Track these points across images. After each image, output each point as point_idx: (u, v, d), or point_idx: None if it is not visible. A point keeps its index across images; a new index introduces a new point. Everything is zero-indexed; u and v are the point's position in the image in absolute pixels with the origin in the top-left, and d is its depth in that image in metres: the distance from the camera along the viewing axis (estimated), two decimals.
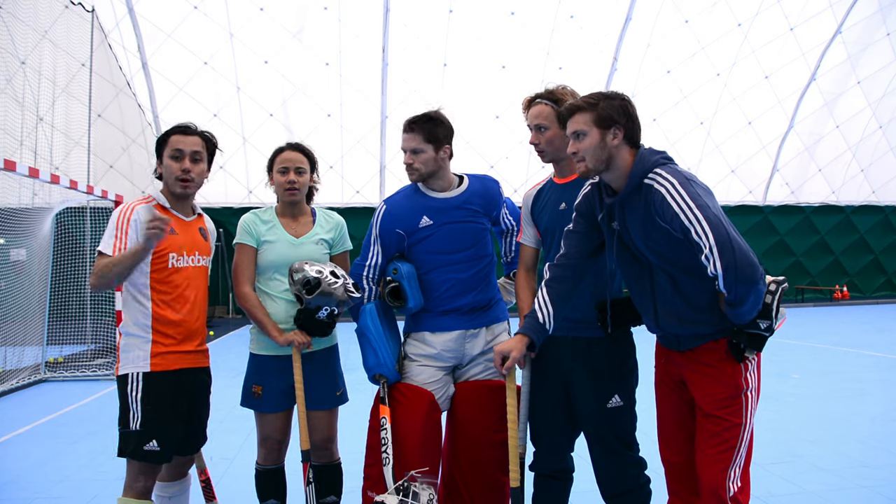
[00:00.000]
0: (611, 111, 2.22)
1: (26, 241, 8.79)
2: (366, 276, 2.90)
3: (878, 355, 9.23)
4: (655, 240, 2.20)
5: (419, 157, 2.79)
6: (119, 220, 2.62)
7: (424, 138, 2.77)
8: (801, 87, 18.02)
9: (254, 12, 15.08)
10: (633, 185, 2.22)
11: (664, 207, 2.13)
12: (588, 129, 2.24)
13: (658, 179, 2.18)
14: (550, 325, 2.45)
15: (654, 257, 2.26)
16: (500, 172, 14.84)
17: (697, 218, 2.07)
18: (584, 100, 2.28)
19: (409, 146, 2.79)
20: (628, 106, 2.26)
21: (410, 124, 2.80)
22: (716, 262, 2.05)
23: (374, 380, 2.84)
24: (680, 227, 2.11)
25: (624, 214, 2.28)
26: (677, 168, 2.22)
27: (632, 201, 2.25)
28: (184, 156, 2.71)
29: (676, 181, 2.14)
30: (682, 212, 2.10)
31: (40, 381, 8.28)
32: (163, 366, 2.64)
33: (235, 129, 15.76)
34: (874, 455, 4.56)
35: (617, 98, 2.26)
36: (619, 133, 2.23)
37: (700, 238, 2.07)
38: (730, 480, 2.19)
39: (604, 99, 2.25)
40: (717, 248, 2.04)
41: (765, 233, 18.93)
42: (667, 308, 2.31)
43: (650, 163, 2.22)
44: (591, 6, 16.07)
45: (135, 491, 2.60)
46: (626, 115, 2.24)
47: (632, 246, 2.32)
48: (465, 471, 2.80)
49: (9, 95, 8.43)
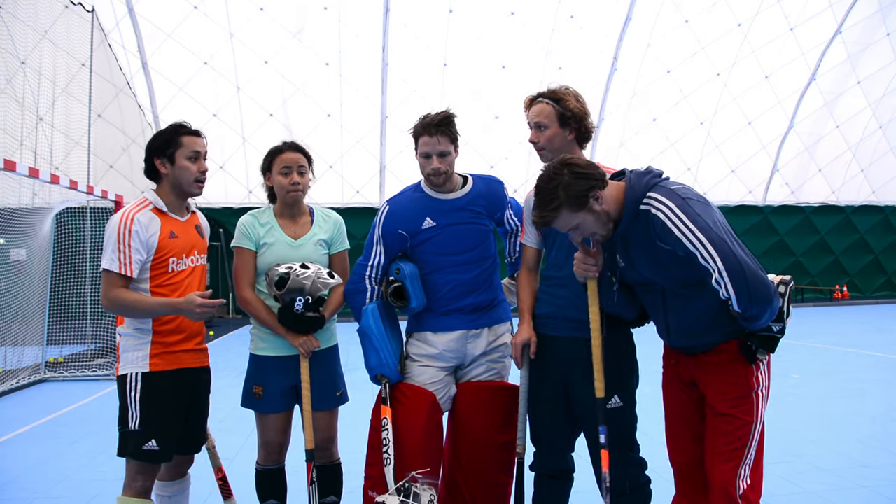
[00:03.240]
0: (580, 189, 2.17)
1: (26, 241, 8.79)
2: (368, 275, 2.90)
3: (878, 355, 9.23)
4: (664, 263, 2.18)
5: (447, 159, 2.76)
6: (120, 232, 2.57)
7: (450, 140, 2.75)
8: (801, 87, 18.03)
9: (254, 12, 15.08)
10: (631, 214, 2.19)
11: (665, 233, 2.11)
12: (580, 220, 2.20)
13: (654, 204, 2.15)
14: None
15: (665, 281, 2.25)
16: (500, 172, 14.74)
17: (701, 241, 2.06)
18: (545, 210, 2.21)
19: (436, 150, 2.73)
20: (590, 174, 2.18)
21: (437, 127, 2.72)
22: (727, 286, 2.05)
23: (376, 380, 2.84)
24: (685, 251, 2.09)
25: (627, 247, 2.26)
26: (670, 187, 2.18)
27: (633, 231, 2.22)
28: (200, 156, 2.72)
29: (673, 204, 2.11)
30: (684, 236, 2.08)
31: (40, 381, 8.28)
32: (162, 366, 2.64)
33: (235, 129, 15.77)
34: (874, 455, 4.56)
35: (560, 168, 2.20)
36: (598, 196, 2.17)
37: (708, 262, 2.06)
38: (739, 478, 2.19)
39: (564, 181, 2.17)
40: (728, 274, 2.04)
41: (765, 233, 18.93)
42: (679, 325, 2.32)
43: (642, 186, 2.19)
44: (591, 6, 16.08)
45: (134, 490, 2.61)
46: (591, 176, 2.18)
47: (638, 277, 2.30)
48: (466, 471, 2.80)
49: (9, 95, 8.43)
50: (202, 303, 2.53)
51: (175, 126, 2.75)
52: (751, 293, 2.03)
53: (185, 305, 2.55)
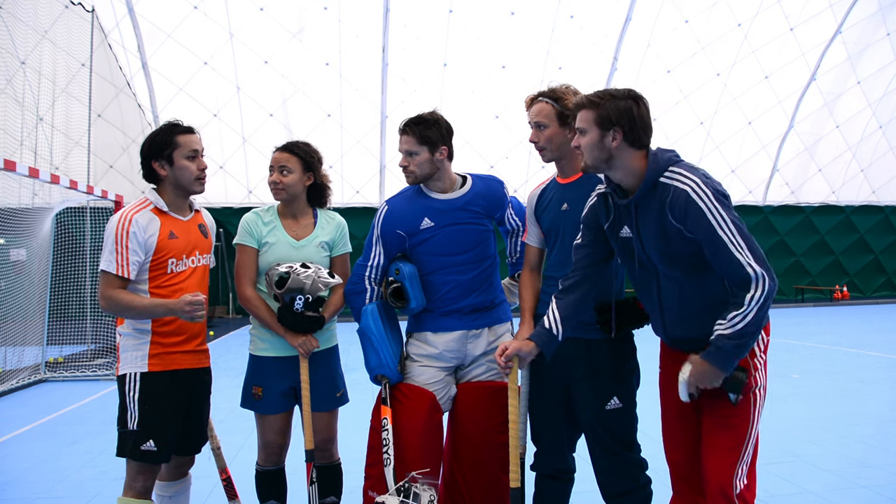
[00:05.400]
0: (612, 112, 2.20)
1: (26, 241, 8.79)
2: (368, 276, 2.90)
3: (878, 355, 9.23)
4: (669, 238, 2.19)
5: (414, 159, 2.78)
6: (118, 233, 2.56)
7: (418, 140, 2.76)
8: (801, 87, 18.02)
9: (254, 12, 15.07)
10: (649, 184, 2.22)
11: (689, 205, 2.12)
12: (588, 126, 2.24)
13: (679, 178, 2.17)
14: (559, 331, 2.45)
15: (662, 262, 2.26)
16: (500, 172, 14.75)
17: (721, 215, 2.09)
18: (590, 97, 2.26)
19: (403, 149, 2.80)
20: (635, 108, 2.22)
21: (404, 127, 2.81)
22: (742, 249, 2.07)
23: (376, 380, 2.84)
24: (702, 225, 2.10)
25: (637, 216, 2.28)
26: (692, 165, 2.23)
27: (646, 201, 2.24)
28: (198, 154, 2.71)
29: (698, 179, 2.14)
30: (707, 209, 2.10)
31: (40, 381, 8.28)
32: (161, 366, 2.64)
33: (235, 129, 15.77)
34: (874, 455, 4.56)
35: (624, 99, 2.22)
36: (617, 136, 2.21)
37: (725, 233, 2.09)
38: (737, 478, 2.19)
39: (610, 99, 2.22)
40: (742, 239, 2.08)
41: (765, 233, 18.92)
42: (672, 312, 2.32)
43: (664, 160, 2.22)
44: (591, 6, 16.07)
45: (134, 491, 2.60)
46: (629, 117, 2.20)
47: (639, 251, 2.31)
48: (466, 472, 2.80)
49: (9, 95, 8.42)
50: (191, 300, 2.53)
51: (169, 126, 2.71)
52: (769, 268, 2.07)
53: (176, 305, 2.55)
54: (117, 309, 2.58)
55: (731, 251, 2.08)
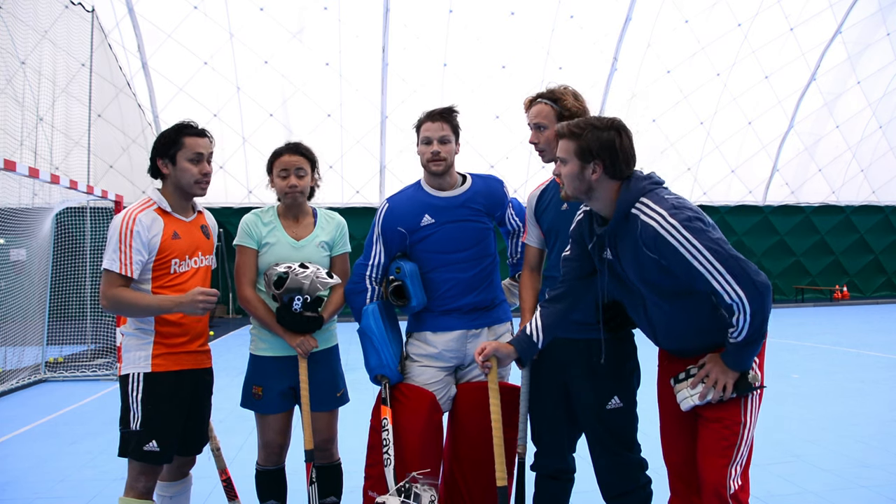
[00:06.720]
0: (593, 145, 2.16)
1: (26, 241, 8.79)
2: (368, 275, 2.90)
3: (878, 355, 9.23)
4: (646, 268, 2.18)
5: (446, 146, 2.80)
6: (122, 232, 2.55)
7: (452, 128, 2.80)
8: (801, 87, 18.02)
9: (254, 12, 15.07)
10: (621, 215, 2.19)
11: (659, 241, 2.09)
12: (568, 157, 2.22)
13: (645, 210, 2.14)
14: (540, 339, 2.47)
15: (645, 288, 2.25)
16: (500, 172, 14.74)
17: (696, 247, 2.04)
18: (571, 127, 2.22)
19: (437, 135, 2.78)
20: (617, 140, 2.17)
21: (439, 114, 2.80)
22: (731, 285, 2.02)
23: (377, 380, 2.84)
24: (676, 259, 2.07)
25: (616, 244, 2.27)
26: (662, 194, 2.17)
27: (622, 231, 2.22)
28: (203, 158, 2.69)
29: (664, 210, 2.09)
30: (679, 244, 2.06)
31: (40, 381, 8.28)
32: (164, 366, 2.64)
33: (235, 129, 15.77)
34: (874, 455, 4.56)
35: (607, 129, 2.18)
36: (598, 168, 2.18)
37: (706, 267, 2.04)
38: (730, 478, 2.19)
39: (592, 130, 2.17)
40: (729, 273, 2.02)
41: (765, 233, 18.94)
42: (662, 330, 2.34)
43: (636, 191, 2.18)
44: (591, 6, 16.07)
45: (136, 491, 2.60)
46: (611, 149, 2.16)
47: (623, 276, 2.30)
48: (466, 472, 2.80)
49: (9, 95, 8.43)
50: (203, 291, 2.53)
51: (179, 126, 2.71)
52: (755, 283, 2.02)
53: (185, 299, 2.54)
54: (120, 308, 2.57)
55: (709, 282, 2.06)
